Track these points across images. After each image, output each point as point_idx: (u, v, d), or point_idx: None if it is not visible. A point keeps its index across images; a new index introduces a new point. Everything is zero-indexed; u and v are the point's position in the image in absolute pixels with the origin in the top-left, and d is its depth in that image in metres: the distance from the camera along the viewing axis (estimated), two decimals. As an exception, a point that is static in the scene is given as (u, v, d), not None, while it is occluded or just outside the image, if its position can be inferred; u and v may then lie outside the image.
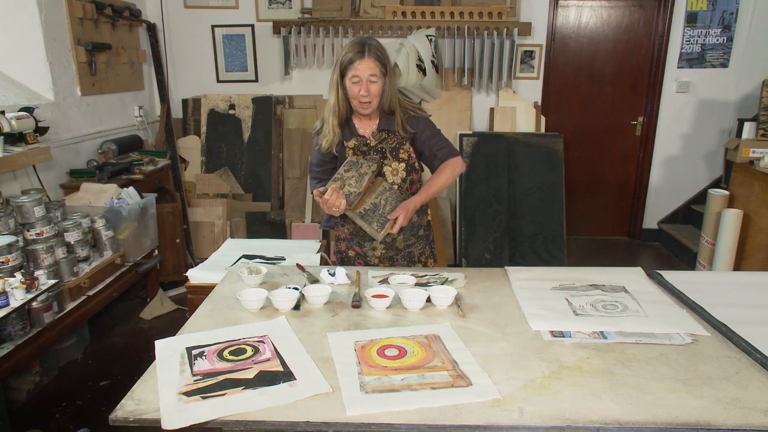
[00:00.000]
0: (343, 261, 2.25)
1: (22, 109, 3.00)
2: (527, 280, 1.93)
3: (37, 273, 2.49)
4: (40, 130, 3.07)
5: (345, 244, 2.23)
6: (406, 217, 1.95)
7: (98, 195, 3.27)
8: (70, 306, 2.75)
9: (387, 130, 2.05)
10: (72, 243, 2.87)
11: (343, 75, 1.92)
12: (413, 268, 2.11)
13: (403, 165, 2.08)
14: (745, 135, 4.06)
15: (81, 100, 3.69)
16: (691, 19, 4.63)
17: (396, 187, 2.07)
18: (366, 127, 2.07)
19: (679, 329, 1.56)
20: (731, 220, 3.62)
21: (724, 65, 4.71)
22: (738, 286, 1.91)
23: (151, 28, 4.52)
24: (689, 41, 4.67)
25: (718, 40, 4.66)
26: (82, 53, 3.62)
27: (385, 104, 2.00)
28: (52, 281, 2.56)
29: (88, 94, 3.75)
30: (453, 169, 2.07)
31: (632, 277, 1.97)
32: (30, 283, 2.38)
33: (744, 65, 4.67)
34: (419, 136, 2.08)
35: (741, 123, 4.19)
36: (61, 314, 2.66)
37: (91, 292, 2.91)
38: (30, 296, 2.37)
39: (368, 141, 2.06)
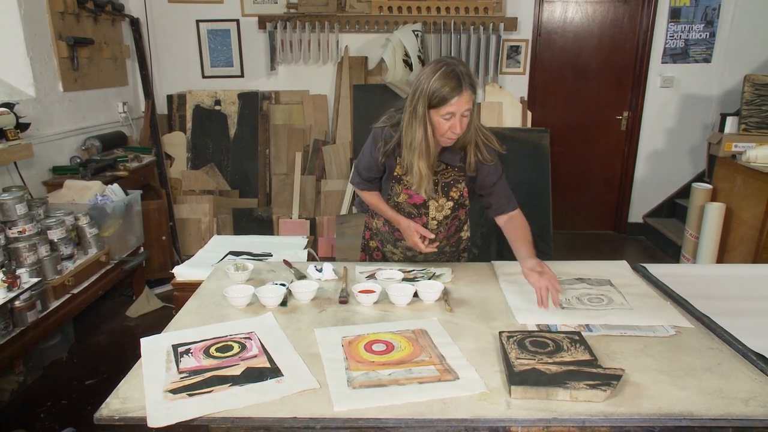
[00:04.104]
0: (365, 248, 2.22)
1: (2, 105, 2.95)
2: (514, 275, 1.94)
3: (19, 271, 2.45)
4: (22, 127, 3.02)
5: (370, 233, 2.20)
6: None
7: (82, 192, 3.22)
8: (54, 304, 2.71)
9: (446, 163, 1.86)
10: (55, 241, 2.83)
11: (429, 107, 1.67)
12: (400, 263, 2.11)
13: (450, 204, 1.92)
14: (727, 129, 4.11)
15: (63, 96, 3.64)
16: (675, 14, 4.68)
17: (435, 222, 1.94)
18: None
19: (663, 321, 1.58)
20: (714, 213, 3.67)
21: (707, 60, 4.77)
22: (721, 279, 1.94)
23: (135, 23, 4.46)
24: (673, 36, 4.72)
25: (701, 35, 4.71)
26: (63, 48, 3.56)
27: (462, 139, 1.77)
28: (35, 279, 2.53)
29: (70, 90, 3.70)
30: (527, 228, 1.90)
31: (617, 270, 1.99)
32: (12, 282, 2.35)
33: (726, 60, 4.73)
34: (480, 181, 1.89)
35: (723, 118, 4.24)
36: (44, 313, 2.62)
37: (75, 291, 2.88)
38: (12, 295, 2.33)
39: None
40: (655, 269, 1.99)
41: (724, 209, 3.68)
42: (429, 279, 1.86)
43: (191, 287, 1.96)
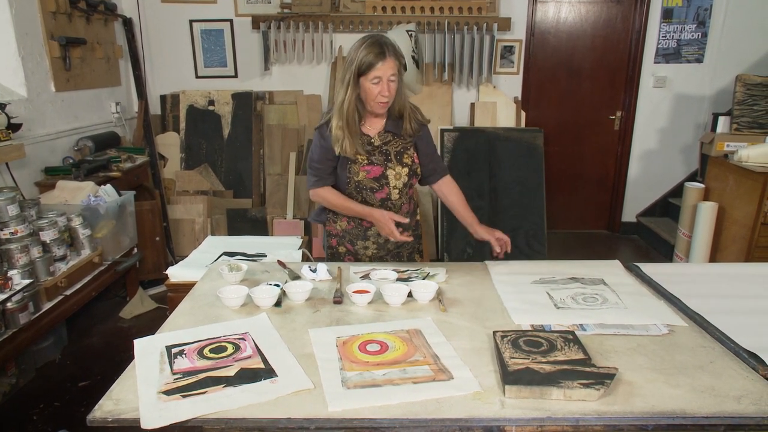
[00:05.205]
0: (333, 257, 2.22)
1: (-7, 106, 2.93)
2: (508, 275, 1.94)
3: (10, 273, 2.44)
4: (13, 127, 3.00)
5: (336, 240, 2.19)
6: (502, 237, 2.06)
7: (75, 193, 3.21)
8: (47, 306, 2.70)
9: (393, 132, 2.03)
10: (48, 242, 2.82)
11: (359, 76, 1.87)
12: (396, 263, 2.11)
13: (406, 170, 2.05)
14: (719, 129, 4.14)
15: (55, 96, 3.62)
16: (667, 15, 4.70)
17: (396, 191, 2.05)
18: (371, 127, 2.03)
19: (657, 320, 1.59)
20: (707, 212, 3.69)
21: (699, 60, 4.80)
22: (713, 277, 1.95)
23: (127, 23, 4.44)
24: (665, 37, 4.75)
25: (693, 35, 4.74)
26: (55, 48, 3.54)
27: (396, 105, 1.97)
28: (27, 281, 2.51)
29: (62, 90, 3.67)
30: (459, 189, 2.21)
31: (610, 269, 2.00)
32: (3, 283, 2.34)
33: (718, 60, 4.76)
34: (419, 143, 2.09)
35: (715, 117, 4.27)
36: (37, 314, 2.61)
37: (68, 292, 2.86)
38: (3, 296, 2.32)
39: (372, 140, 2.02)
40: (648, 268, 2.00)
41: (717, 208, 3.70)
42: (423, 279, 1.87)
43: (185, 288, 1.96)
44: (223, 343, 1.45)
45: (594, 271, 1.96)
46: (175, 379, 1.28)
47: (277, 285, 1.78)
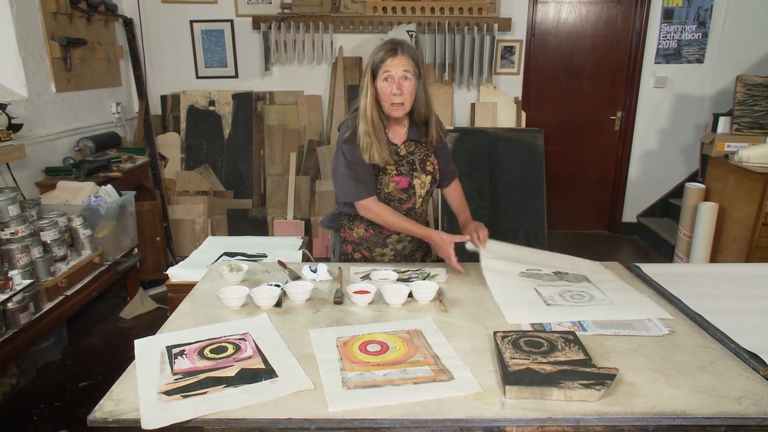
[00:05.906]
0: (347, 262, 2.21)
1: (-6, 106, 2.94)
2: (498, 271, 1.91)
3: (11, 273, 2.44)
4: (14, 127, 3.01)
5: (351, 246, 2.15)
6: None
7: (75, 193, 3.21)
8: (48, 306, 2.70)
9: (415, 141, 2.01)
10: (48, 242, 2.82)
11: (374, 76, 1.85)
12: (395, 264, 2.11)
13: (429, 178, 2.04)
14: (720, 129, 4.14)
15: (56, 97, 3.62)
16: (668, 15, 4.71)
17: (420, 199, 2.05)
18: (395, 135, 1.99)
19: (643, 315, 1.60)
20: (707, 213, 3.69)
21: (700, 61, 4.80)
22: (713, 278, 1.95)
23: (128, 23, 4.45)
24: (666, 37, 4.75)
25: (693, 36, 4.74)
26: (56, 48, 3.54)
27: (421, 109, 1.94)
28: (28, 281, 2.51)
29: (63, 90, 3.68)
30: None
31: (591, 266, 2.02)
32: (3, 284, 2.34)
33: (719, 61, 4.77)
34: (438, 150, 2.09)
35: (716, 118, 4.27)
36: (38, 315, 2.61)
37: (69, 292, 2.86)
38: (4, 297, 2.32)
39: (399, 149, 1.99)
40: (648, 269, 2.00)
41: (717, 209, 3.70)
42: (423, 279, 1.87)
43: (185, 288, 1.95)
44: (223, 344, 1.45)
45: (575, 267, 1.99)
46: (175, 380, 1.28)
47: (278, 285, 1.78)
